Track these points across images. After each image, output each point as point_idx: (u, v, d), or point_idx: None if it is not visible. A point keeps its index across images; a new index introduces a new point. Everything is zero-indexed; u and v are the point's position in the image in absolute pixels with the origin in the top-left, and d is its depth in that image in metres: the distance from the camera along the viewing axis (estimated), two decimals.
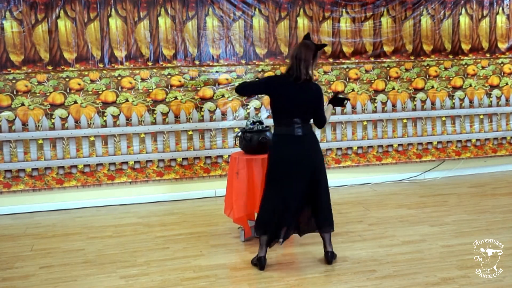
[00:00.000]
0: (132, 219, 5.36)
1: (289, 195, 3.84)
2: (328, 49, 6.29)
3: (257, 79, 4.34)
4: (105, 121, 5.78)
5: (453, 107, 6.78)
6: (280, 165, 3.86)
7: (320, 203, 3.91)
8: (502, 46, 6.87)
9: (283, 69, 6.17)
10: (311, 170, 3.86)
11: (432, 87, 6.70)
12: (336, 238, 4.41)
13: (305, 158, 3.84)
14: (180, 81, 5.93)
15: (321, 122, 3.96)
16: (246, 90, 4.11)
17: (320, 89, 3.91)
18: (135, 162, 5.90)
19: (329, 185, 3.99)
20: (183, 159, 6.03)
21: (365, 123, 6.51)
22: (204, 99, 6.01)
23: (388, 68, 6.54)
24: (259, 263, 3.89)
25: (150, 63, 5.85)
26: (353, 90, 6.40)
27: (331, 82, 6.34)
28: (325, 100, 6.29)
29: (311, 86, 3.85)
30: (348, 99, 4.36)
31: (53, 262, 4.19)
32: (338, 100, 4.23)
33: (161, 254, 4.27)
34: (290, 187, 3.84)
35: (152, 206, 5.85)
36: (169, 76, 5.91)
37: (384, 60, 6.50)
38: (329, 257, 3.95)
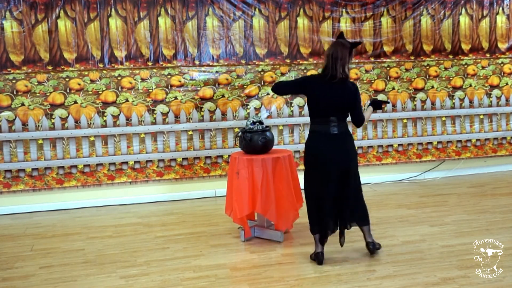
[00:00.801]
0: (132, 219, 5.36)
1: (325, 192, 3.90)
2: None
3: (293, 79, 4.46)
4: (105, 121, 5.78)
5: (453, 107, 6.78)
6: (315, 163, 3.92)
7: (347, 200, 3.95)
8: (502, 46, 6.87)
9: (281, 69, 6.17)
10: (344, 169, 3.89)
11: (432, 87, 6.70)
12: (336, 238, 4.41)
13: (340, 156, 3.88)
14: (180, 81, 5.93)
15: (358, 121, 3.99)
16: (282, 89, 4.19)
17: (357, 87, 3.95)
18: (135, 162, 5.90)
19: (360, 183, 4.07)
20: (183, 159, 6.03)
21: (365, 123, 6.49)
22: (204, 99, 6.01)
23: (388, 68, 6.54)
24: (317, 258, 3.95)
25: (150, 63, 5.85)
26: None
27: None
28: (366, 98, 6.35)
29: (348, 85, 3.88)
30: (387, 102, 4.38)
31: (53, 262, 4.18)
32: (377, 103, 4.25)
33: (161, 254, 4.27)
34: (325, 184, 3.89)
35: (152, 206, 5.85)
36: (169, 76, 5.91)
37: (384, 60, 6.50)
38: (371, 248, 4.03)
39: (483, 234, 4.48)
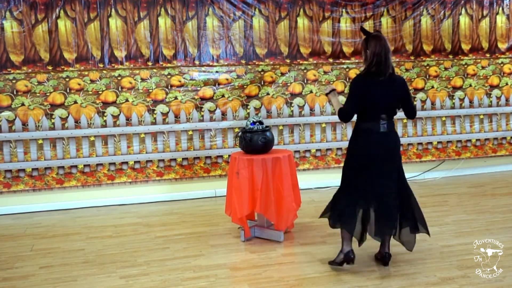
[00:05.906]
0: (132, 219, 5.36)
1: (373, 191, 3.76)
2: (328, 49, 6.30)
3: (350, 97, 3.85)
4: (105, 121, 5.78)
5: (453, 107, 6.78)
6: (364, 160, 3.78)
7: (410, 204, 3.85)
8: (502, 46, 6.87)
9: (281, 69, 6.16)
10: (396, 168, 3.83)
11: (432, 87, 6.70)
12: (336, 238, 4.41)
13: (390, 155, 3.80)
14: (180, 81, 5.93)
15: (413, 113, 3.93)
16: (350, 115, 3.82)
17: (404, 80, 3.88)
18: (135, 162, 5.90)
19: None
20: (183, 159, 6.03)
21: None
22: (204, 99, 6.01)
23: None
24: (346, 258, 3.77)
25: (150, 63, 5.85)
26: None
27: (331, 82, 6.34)
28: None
29: (395, 79, 3.81)
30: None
31: (53, 262, 4.18)
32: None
33: (161, 254, 4.27)
34: (373, 183, 3.76)
35: (152, 206, 5.85)
36: (169, 76, 5.91)
37: None
38: (387, 258, 3.87)
39: (483, 234, 4.48)
